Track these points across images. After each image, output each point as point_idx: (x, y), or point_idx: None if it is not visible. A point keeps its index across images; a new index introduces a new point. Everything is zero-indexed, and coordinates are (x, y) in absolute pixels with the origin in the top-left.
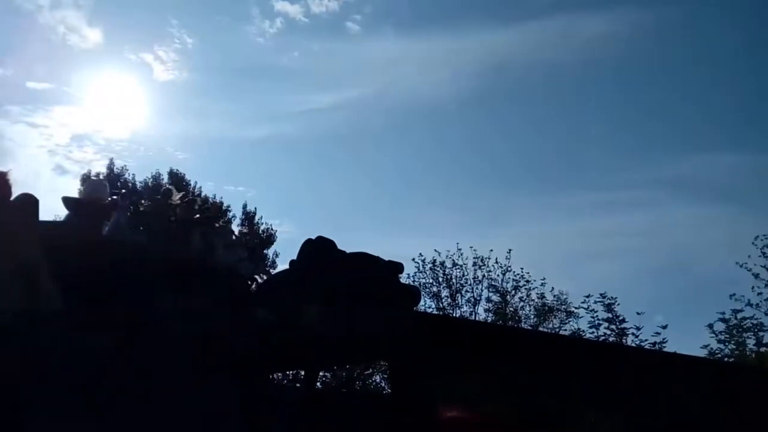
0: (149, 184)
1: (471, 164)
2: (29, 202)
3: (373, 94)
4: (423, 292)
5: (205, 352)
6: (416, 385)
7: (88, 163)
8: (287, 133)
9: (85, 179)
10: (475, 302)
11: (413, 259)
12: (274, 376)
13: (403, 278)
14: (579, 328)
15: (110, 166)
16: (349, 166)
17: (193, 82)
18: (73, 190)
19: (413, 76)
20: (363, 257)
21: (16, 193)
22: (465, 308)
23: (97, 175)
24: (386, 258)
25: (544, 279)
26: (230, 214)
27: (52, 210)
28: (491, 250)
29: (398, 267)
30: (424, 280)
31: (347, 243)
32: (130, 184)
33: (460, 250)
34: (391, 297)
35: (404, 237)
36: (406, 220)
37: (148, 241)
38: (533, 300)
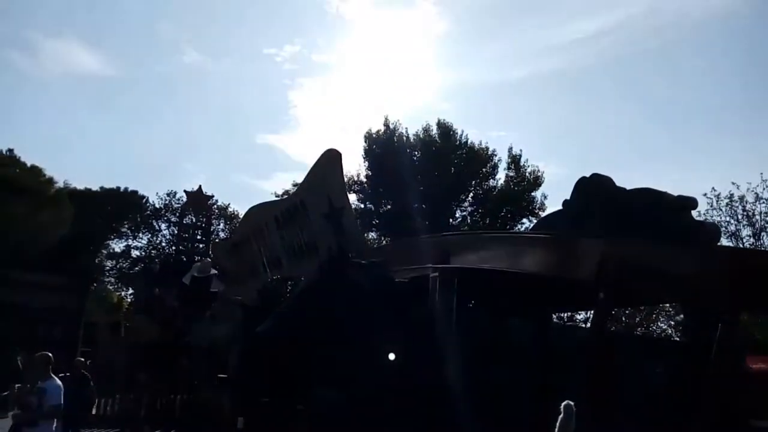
0: (420, 136)
1: None
2: (335, 156)
3: (639, 14)
4: None
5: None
6: (718, 329)
7: (366, 121)
8: (547, 69)
9: (367, 137)
10: None
11: (705, 195)
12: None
13: (694, 216)
14: None
15: (386, 123)
16: (616, 97)
17: (451, 30)
18: (358, 146)
19: None
20: (647, 192)
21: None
22: None
23: (377, 132)
24: (674, 194)
25: None
26: (496, 159)
27: (346, 163)
28: None
29: (689, 202)
30: (718, 218)
31: (624, 180)
32: (404, 138)
33: (765, 181)
34: (684, 234)
35: (690, 170)
36: (689, 152)
37: None
38: None
